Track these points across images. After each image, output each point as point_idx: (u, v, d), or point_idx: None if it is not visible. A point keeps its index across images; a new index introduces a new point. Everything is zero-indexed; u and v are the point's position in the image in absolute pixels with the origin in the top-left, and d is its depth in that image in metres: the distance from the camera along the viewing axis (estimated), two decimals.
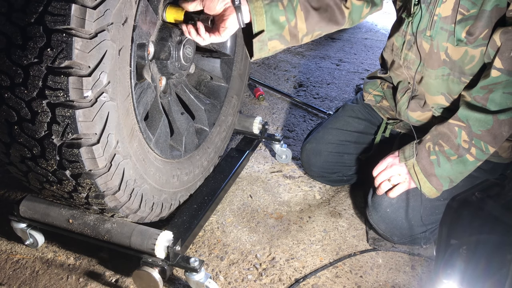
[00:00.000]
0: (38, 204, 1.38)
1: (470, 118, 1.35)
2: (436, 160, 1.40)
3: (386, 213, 1.55)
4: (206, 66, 1.77)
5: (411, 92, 1.59)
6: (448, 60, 1.42)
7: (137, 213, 1.32)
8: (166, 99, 1.51)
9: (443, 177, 1.42)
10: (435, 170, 1.41)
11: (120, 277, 1.45)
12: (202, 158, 1.68)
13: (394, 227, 1.54)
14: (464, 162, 1.39)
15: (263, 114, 2.57)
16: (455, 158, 1.39)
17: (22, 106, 1.04)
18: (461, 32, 1.35)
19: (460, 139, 1.37)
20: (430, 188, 1.44)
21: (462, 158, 1.38)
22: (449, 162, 1.39)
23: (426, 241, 1.57)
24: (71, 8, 0.97)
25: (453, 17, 1.35)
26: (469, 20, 1.33)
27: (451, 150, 1.39)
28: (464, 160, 1.38)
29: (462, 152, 1.38)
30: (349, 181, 1.90)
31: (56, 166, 1.11)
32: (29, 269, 1.47)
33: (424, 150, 1.43)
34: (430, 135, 1.44)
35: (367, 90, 1.81)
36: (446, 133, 1.40)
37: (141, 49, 1.26)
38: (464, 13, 1.33)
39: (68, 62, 0.98)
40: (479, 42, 1.34)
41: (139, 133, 1.26)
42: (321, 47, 3.76)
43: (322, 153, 1.81)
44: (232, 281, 1.45)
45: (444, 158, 1.39)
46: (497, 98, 1.32)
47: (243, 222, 1.72)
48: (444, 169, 1.40)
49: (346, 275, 1.49)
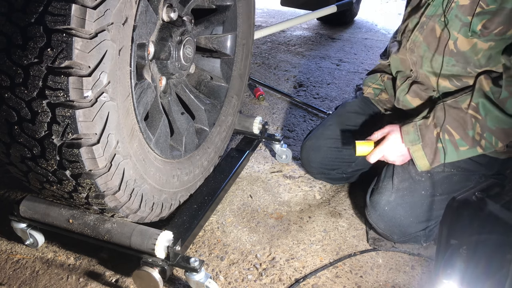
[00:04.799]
0: (38, 204, 1.38)
1: (489, 113, 1.35)
2: (443, 149, 1.41)
3: (384, 211, 1.55)
4: (206, 66, 1.77)
5: (412, 79, 1.60)
6: (455, 51, 1.43)
7: (137, 213, 1.32)
8: (166, 99, 1.51)
9: (446, 162, 1.44)
10: (440, 157, 1.42)
11: (120, 277, 1.45)
12: (202, 158, 1.68)
13: (393, 225, 1.54)
14: (472, 152, 1.40)
15: (263, 114, 2.57)
16: (465, 149, 1.39)
17: (22, 106, 1.04)
18: (477, 24, 1.36)
19: (474, 131, 1.36)
20: (426, 167, 1.47)
21: (472, 149, 1.39)
22: (457, 151, 1.40)
23: (427, 239, 1.57)
24: (71, 8, 0.97)
25: (471, 8, 1.37)
26: (487, 15, 1.34)
27: (462, 141, 1.38)
28: (473, 151, 1.39)
29: (474, 144, 1.38)
30: (349, 179, 1.90)
31: (56, 166, 1.11)
32: (29, 269, 1.47)
33: (431, 137, 1.42)
34: (436, 117, 1.42)
35: (367, 83, 1.83)
36: (458, 121, 1.38)
37: (141, 49, 1.26)
38: (483, 7, 1.34)
39: (68, 62, 0.98)
40: (491, 36, 1.35)
41: (139, 133, 1.26)
42: (321, 47, 3.76)
43: (321, 149, 1.82)
44: (232, 281, 1.45)
45: (453, 147, 1.40)
46: None
47: (243, 222, 1.72)
48: (450, 157, 1.42)
49: (346, 275, 1.49)
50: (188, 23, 1.48)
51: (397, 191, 1.55)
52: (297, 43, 3.87)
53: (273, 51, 3.66)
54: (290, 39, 3.98)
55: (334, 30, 4.21)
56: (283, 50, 3.67)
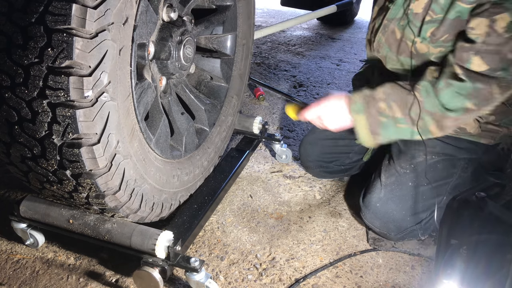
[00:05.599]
0: (38, 204, 1.38)
1: (428, 97, 1.38)
2: (384, 123, 1.44)
3: (376, 208, 1.58)
4: (206, 66, 1.77)
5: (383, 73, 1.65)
6: (415, 53, 1.48)
7: (137, 213, 1.32)
8: (166, 99, 1.52)
9: (385, 136, 1.46)
10: (381, 130, 1.45)
11: (121, 277, 1.45)
12: (202, 158, 1.68)
13: (387, 221, 1.57)
14: (408, 132, 1.43)
15: (263, 114, 2.57)
16: (404, 126, 1.42)
17: (22, 106, 1.04)
18: (426, 31, 1.42)
19: (413, 111, 1.40)
20: (369, 141, 1.49)
21: (409, 128, 1.42)
22: (396, 128, 1.43)
23: (424, 232, 1.59)
24: (72, 8, 0.97)
25: (422, 16, 1.42)
26: (435, 23, 1.40)
27: (403, 118, 1.42)
28: (410, 130, 1.43)
29: (412, 123, 1.41)
30: (348, 171, 1.93)
31: (56, 166, 1.11)
32: (29, 269, 1.47)
33: (375, 108, 1.45)
34: (384, 92, 1.45)
35: (355, 82, 1.90)
36: (402, 100, 1.42)
37: (141, 49, 1.26)
38: (432, 16, 1.40)
39: (69, 62, 0.98)
40: (439, 43, 1.41)
41: (140, 133, 1.26)
42: (321, 47, 3.76)
43: (317, 143, 1.87)
44: (232, 281, 1.45)
45: (393, 123, 1.43)
46: (448, 94, 1.36)
47: (243, 222, 1.72)
48: (389, 131, 1.45)
49: (346, 275, 1.49)
50: (188, 23, 1.48)
51: (385, 186, 1.60)
52: (297, 43, 3.87)
53: (273, 51, 3.66)
54: (290, 39, 3.98)
55: (334, 30, 4.22)
56: (283, 50, 3.68)
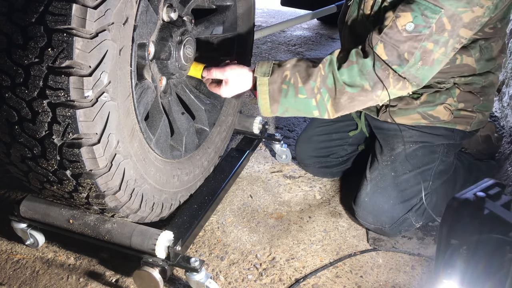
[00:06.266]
0: (38, 204, 1.38)
1: (332, 72, 1.40)
2: (285, 90, 1.44)
3: (365, 202, 1.62)
4: None
5: None
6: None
7: (137, 213, 1.32)
8: (166, 99, 1.52)
9: (283, 106, 1.46)
10: (280, 98, 1.45)
11: (121, 277, 1.45)
12: (202, 158, 1.68)
13: (378, 213, 1.60)
14: (306, 103, 1.44)
15: None
16: (303, 97, 1.43)
17: (22, 106, 1.04)
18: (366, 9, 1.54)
19: (315, 83, 1.41)
20: (267, 109, 1.48)
21: (308, 99, 1.43)
22: (295, 98, 1.44)
23: (417, 219, 1.62)
24: (72, 8, 0.97)
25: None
26: None
27: (303, 89, 1.42)
28: (308, 102, 1.43)
29: (310, 96, 1.42)
30: (346, 162, 1.96)
31: (56, 166, 1.11)
32: (30, 269, 1.47)
33: (280, 76, 1.45)
34: (291, 64, 1.46)
35: None
36: (307, 72, 1.42)
37: (141, 49, 1.26)
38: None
39: (69, 62, 0.98)
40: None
41: (140, 133, 1.26)
42: (322, 47, 3.76)
43: (312, 140, 1.91)
44: (232, 281, 1.45)
45: (293, 92, 1.43)
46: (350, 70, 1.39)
47: (243, 222, 1.72)
48: (288, 101, 1.45)
49: (346, 275, 1.49)
50: (188, 23, 1.48)
51: (370, 181, 1.65)
52: (297, 43, 3.87)
53: (273, 51, 3.67)
54: (290, 39, 3.99)
55: (334, 30, 4.21)
56: (283, 50, 3.68)
